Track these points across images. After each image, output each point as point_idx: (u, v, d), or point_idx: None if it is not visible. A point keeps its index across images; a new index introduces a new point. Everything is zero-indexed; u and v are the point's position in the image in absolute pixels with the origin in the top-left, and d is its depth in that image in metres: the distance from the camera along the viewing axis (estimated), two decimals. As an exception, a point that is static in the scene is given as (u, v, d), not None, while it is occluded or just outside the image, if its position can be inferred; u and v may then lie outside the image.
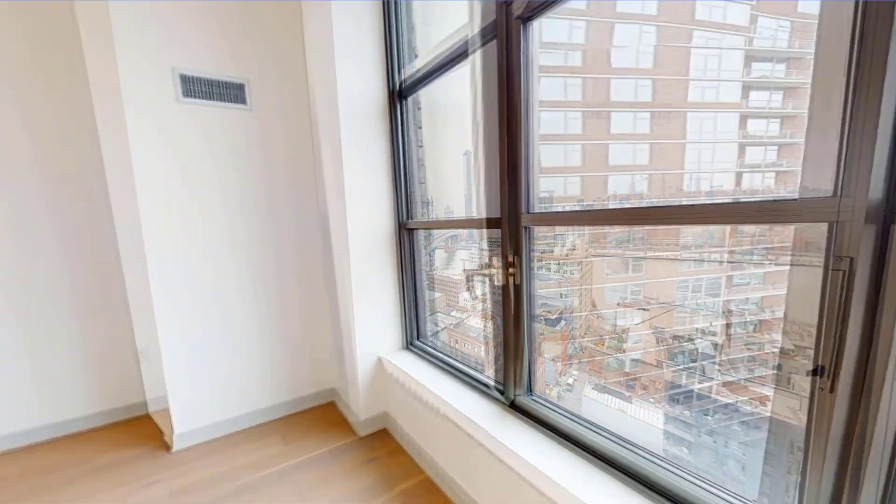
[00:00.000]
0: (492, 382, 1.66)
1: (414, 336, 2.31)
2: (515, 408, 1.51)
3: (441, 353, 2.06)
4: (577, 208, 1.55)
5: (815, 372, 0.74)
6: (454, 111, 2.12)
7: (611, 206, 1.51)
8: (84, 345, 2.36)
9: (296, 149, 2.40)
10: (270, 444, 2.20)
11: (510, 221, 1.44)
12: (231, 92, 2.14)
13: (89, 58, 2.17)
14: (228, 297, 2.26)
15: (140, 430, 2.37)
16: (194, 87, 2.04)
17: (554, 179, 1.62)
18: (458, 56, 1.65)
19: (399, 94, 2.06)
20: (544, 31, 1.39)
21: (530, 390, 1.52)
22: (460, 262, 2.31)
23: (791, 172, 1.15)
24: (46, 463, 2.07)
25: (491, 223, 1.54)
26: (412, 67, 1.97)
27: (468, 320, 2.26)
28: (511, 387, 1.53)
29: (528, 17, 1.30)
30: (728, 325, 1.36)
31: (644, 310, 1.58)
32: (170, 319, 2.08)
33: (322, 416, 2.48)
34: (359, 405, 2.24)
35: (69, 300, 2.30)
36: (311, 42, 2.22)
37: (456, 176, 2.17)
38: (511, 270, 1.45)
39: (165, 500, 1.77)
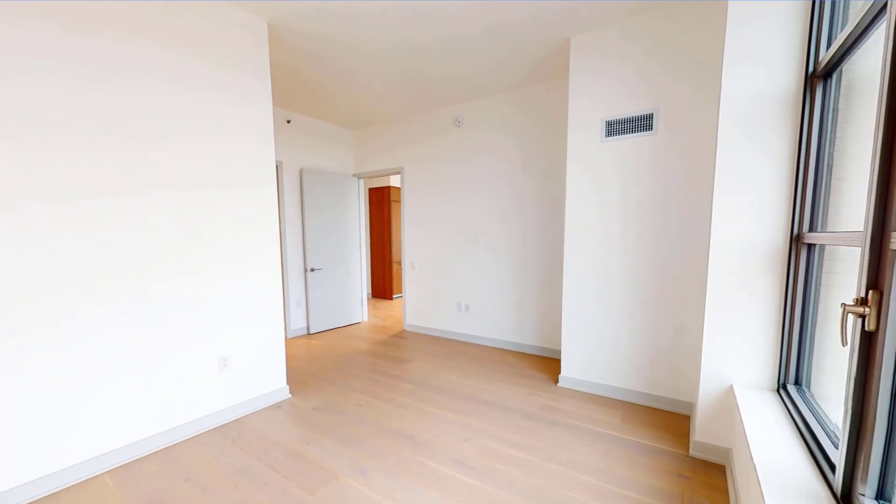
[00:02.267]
0: (837, 462, 1.17)
1: (790, 379, 1.81)
2: (847, 505, 1.04)
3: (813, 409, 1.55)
4: None
5: None
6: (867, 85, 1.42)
7: None
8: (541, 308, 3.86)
9: (692, 163, 2.53)
10: (611, 414, 2.61)
11: (873, 239, 1.00)
12: (642, 123, 2.63)
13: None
14: (614, 282, 2.83)
15: (550, 365, 3.55)
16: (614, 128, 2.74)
17: None
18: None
19: (824, 74, 1.63)
20: None
21: (881, 493, 0.98)
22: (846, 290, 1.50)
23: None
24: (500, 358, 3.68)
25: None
26: (843, 34, 1.48)
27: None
28: (849, 475, 1.06)
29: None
30: None
31: None
32: (575, 293, 3.00)
33: (669, 422, 2.51)
34: (696, 423, 2.12)
35: (534, 274, 3.84)
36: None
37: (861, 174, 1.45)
38: (865, 310, 1.01)
39: (538, 408, 2.71)
